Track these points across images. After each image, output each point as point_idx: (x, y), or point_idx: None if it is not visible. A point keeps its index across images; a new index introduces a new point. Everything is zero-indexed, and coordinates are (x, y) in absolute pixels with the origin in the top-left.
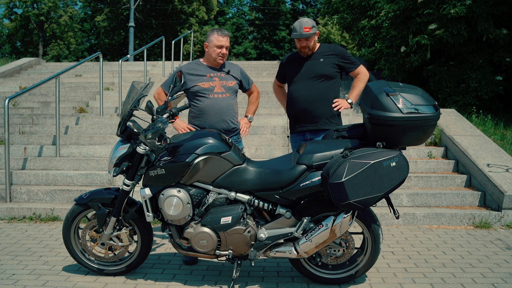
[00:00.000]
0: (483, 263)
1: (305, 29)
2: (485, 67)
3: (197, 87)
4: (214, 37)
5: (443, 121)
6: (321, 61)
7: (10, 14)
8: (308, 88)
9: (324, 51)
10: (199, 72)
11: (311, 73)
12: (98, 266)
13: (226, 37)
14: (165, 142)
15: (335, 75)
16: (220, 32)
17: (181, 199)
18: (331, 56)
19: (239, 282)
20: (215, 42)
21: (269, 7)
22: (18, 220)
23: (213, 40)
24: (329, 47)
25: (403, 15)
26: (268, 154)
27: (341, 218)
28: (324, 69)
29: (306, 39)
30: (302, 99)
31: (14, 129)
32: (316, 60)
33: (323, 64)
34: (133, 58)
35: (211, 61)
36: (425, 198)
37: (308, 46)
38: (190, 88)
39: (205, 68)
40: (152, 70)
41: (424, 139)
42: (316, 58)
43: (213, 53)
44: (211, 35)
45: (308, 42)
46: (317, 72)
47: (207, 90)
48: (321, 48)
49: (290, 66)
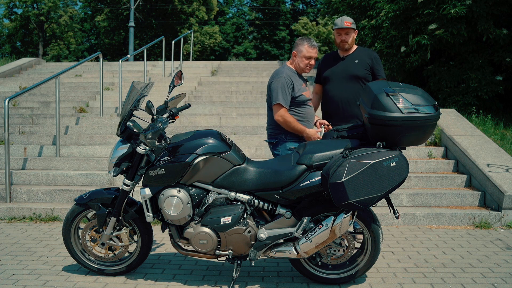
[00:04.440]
0: (483, 263)
1: (346, 23)
2: (485, 67)
3: (303, 96)
4: (304, 47)
5: (443, 121)
6: (356, 63)
7: (10, 14)
8: (342, 88)
9: (360, 54)
10: (299, 81)
11: (345, 74)
12: (98, 266)
13: (315, 49)
14: (165, 142)
15: (368, 78)
16: (310, 43)
17: (181, 199)
18: (366, 59)
19: (239, 282)
20: (305, 53)
21: (269, 7)
22: (18, 220)
23: (302, 51)
24: (365, 51)
25: (403, 15)
26: (268, 154)
27: (341, 218)
28: (358, 71)
29: (346, 33)
30: (336, 98)
31: (14, 129)
32: (351, 61)
33: (358, 66)
34: (133, 58)
35: (299, 69)
36: (425, 198)
37: (347, 41)
38: (297, 97)
39: (299, 77)
40: (152, 70)
41: (424, 139)
42: (352, 59)
43: (301, 63)
44: (301, 45)
45: (347, 37)
46: (351, 72)
47: (308, 99)
48: (357, 51)
49: (326, 65)
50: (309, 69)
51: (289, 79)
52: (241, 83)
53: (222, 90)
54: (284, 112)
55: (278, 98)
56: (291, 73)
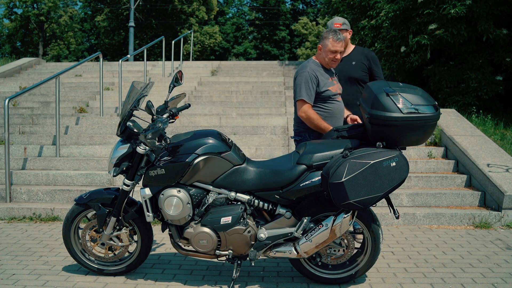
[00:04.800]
0: (483, 263)
1: (336, 24)
2: (485, 67)
3: (328, 91)
4: (329, 41)
5: (443, 121)
6: (353, 64)
7: (10, 14)
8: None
9: (357, 55)
10: (325, 76)
11: (342, 76)
12: (98, 266)
13: (341, 42)
14: (165, 142)
15: (365, 79)
16: (336, 37)
17: (181, 199)
18: (363, 60)
19: (239, 282)
20: (330, 47)
21: (269, 7)
22: (18, 220)
23: (327, 45)
24: (363, 51)
25: (403, 15)
26: (268, 154)
27: (341, 218)
28: (355, 73)
29: None
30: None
31: (14, 129)
32: (349, 63)
33: (355, 67)
34: (133, 58)
35: (324, 64)
36: (425, 198)
37: None
38: (322, 92)
39: (326, 71)
40: (152, 70)
41: (424, 139)
42: (349, 61)
43: (326, 57)
44: (326, 39)
45: None
46: (348, 75)
47: (334, 94)
48: (354, 51)
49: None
50: (334, 63)
51: (313, 73)
52: (241, 83)
53: (222, 90)
54: (307, 108)
55: (301, 93)
56: (316, 67)
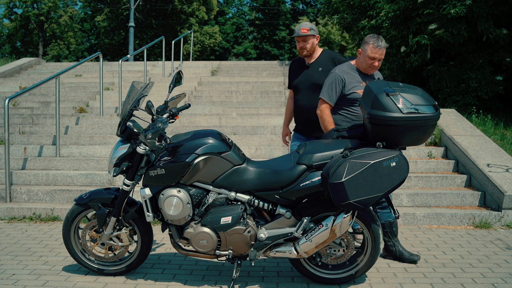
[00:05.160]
0: (483, 263)
1: (303, 30)
2: (485, 67)
3: (355, 94)
4: (368, 47)
5: (443, 121)
6: (319, 71)
7: (10, 14)
8: (309, 98)
9: (324, 60)
10: (356, 79)
11: (310, 83)
12: (98, 266)
13: (381, 50)
14: (165, 142)
15: None
16: (376, 44)
17: (181, 199)
18: (329, 64)
19: (239, 282)
20: (368, 53)
21: (269, 7)
22: (18, 220)
23: (367, 50)
24: (329, 55)
25: (403, 15)
26: (268, 154)
27: (341, 218)
28: (321, 79)
29: (304, 40)
30: (305, 108)
31: (14, 129)
32: (315, 69)
33: (321, 74)
34: (133, 58)
35: (361, 68)
36: (425, 198)
37: (306, 48)
38: (348, 94)
39: (359, 74)
40: (152, 70)
41: (424, 139)
42: (316, 67)
43: (364, 63)
44: (366, 44)
45: (306, 44)
46: (315, 81)
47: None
48: (321, 56)
49: (293, 72)
50: (371, 70)
51: (341, 75)
52: (241, 83)
53: (222, 90)
54: (324, 108)
55: (323, 93)
56: (348, 70)
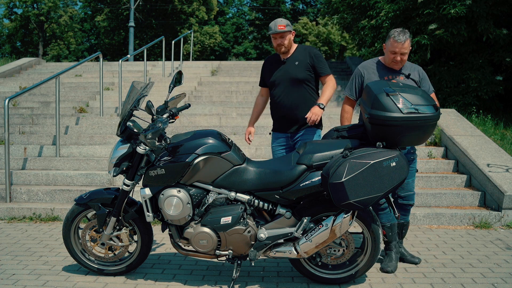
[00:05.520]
0: (483, 263)
1: (280, 26)
2: (485, 67)
3: None
4: (390, 41)
5: (443, 121)
6: (296, 65)
7: (10, 14)
8: (286, 93)
9: (299, 54)
10: (379, 73)
11: (287, 78)
12: (98, 266)
13: (401, 44)
14: (165, 142)
15: (310, 78)
16: (398, 37)
17: (181, 199)
18: (306, 58)
19: (239, 282)
20: (390, 47)
21: (269, 7)
22: (18, 220)
23: (388, 44)
24: (305, 49)
25: (403, 15)
26: (268, 154)
27: (341, 218)
28: (299, 74)
29: (281, 37)
30: (282, 104)
31: (14, 129)
32: (292, 64)
33: (298, 68)
34: (133, 58)
35: (387, 63)
36: (425, 198)
37: (283, 44)
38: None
39: (383, 69)
40: (152, 70)
41: (424, 139)
42: (292, 62)
43: (387, 57)
44: (388, 39)
45: (283, 40)
46: (293, 76)
47: None
48: (297, 51)
49: (269, 69)
50: (395, 64)
51: (361, 70)
52: (241, 83)
53: (222, 90)
54: (344, 102)
55: (346, 88)
56: (370, 65)
